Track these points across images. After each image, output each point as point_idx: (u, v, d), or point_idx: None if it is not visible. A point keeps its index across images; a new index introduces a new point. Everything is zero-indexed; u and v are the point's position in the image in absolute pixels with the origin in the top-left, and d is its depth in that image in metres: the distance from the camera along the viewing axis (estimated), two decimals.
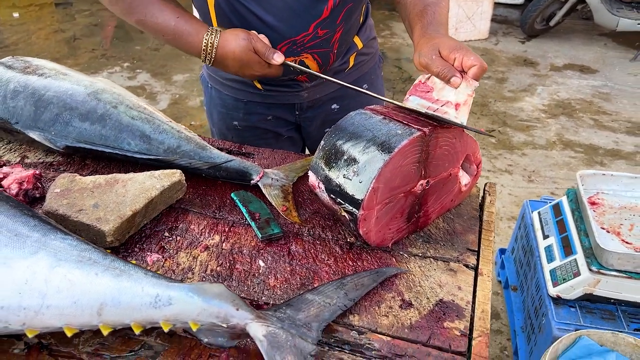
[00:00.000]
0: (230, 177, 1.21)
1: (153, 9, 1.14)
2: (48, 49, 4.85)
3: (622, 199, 1.93)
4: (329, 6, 1.19)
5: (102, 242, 0.98)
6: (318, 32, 1.23)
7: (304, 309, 0.85)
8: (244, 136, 1.50)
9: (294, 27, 1.21)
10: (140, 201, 1.04)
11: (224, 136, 1.53)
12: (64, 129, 1.20)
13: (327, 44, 1.27)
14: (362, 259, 1.01)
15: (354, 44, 1.42)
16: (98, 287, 0.79)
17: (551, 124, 3.74)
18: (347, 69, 1.42)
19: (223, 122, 1.50)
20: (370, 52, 1.49)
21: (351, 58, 1.42)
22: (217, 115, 1.51)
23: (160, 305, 0.79)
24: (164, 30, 1.16)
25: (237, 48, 1.11)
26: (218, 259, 0.99)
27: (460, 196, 1.13)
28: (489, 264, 0.99)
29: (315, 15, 1.20)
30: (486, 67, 1.03)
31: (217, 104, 1.49)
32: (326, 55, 1.30)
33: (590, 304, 1.71)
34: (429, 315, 0.89)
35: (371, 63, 1.51)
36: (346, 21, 1.27)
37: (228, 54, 1.13)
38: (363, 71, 1.48)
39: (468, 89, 1.02)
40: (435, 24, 1.15)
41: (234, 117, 1.48)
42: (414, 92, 1.12)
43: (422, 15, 1.17)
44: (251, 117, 1.46)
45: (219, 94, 1.47)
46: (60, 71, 1.30)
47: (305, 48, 1.26)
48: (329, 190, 0.99)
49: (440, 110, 1.06)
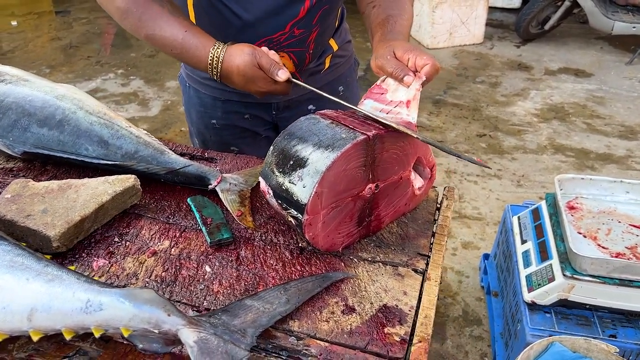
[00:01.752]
0: (189, 182, 1.20)
1: (161, 23, 1.12)
2: (44, 56, 4.89)
3: (602, 203, 1.91)
4: (305, 6, 1.22)
5: (48, 247, 0.97)
6: (294, 32, 1.26)
7: (240, 315, 0.84)
8: (222, 135, 1.51)
9: (270, 26, 1.23)
10: (90, 206, 1.04)
11: (202, 135, 1.54)
12: (22, 134, 1.20)
13: (303, 44, 1.30)
14: (311, 263, 1.00)
15: (330, 46, 1.44)
16: (29, 292, 0.78)
17: (543, 128, 3.72)
18: (322, 70, 1.45)
19: (201, 121, 1.52)
20: (345, 55, 1.52)
21: (327, 60, 1.45)
22: (195, 114, 1.52)
23: (91, 311, 0.78)
24: (172, 45, 1.14)
25: (241, 63, 1.09)
26: (164, 264, 0.99)
27: (415, 200, 1.12)
28: (438, 268, 0.98)
29: (292, 15, 1.22)
30: (439, 66, 1.06)
31: (195, 103, 1.51)
32: (302, 55, 1.32)
33: (566, 309, 1.69)
34: (370, 321, 0.88)
35: (347, 65, 1.54)
36: (322, 22, 1.30)
37: (233, 68, 1.11)
38: (339, 73, 1.51)
39: (416, 84, 1.04)
40: (394, 32, 1.17)
41: (212, 116, 1.49)
42: (369, 95, 1.12)
43: (383, 25, 1.20)
44: (229, 116, 1.47)
45: (197, 93, 1.48)
46: (22, 77, 1.30)
47: (282, 47, 1.28)
48: (277, 195, 0.99)
49: (393, 111, 1.06)
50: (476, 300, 2.35)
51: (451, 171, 3.23)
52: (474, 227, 2.78)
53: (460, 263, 2.55)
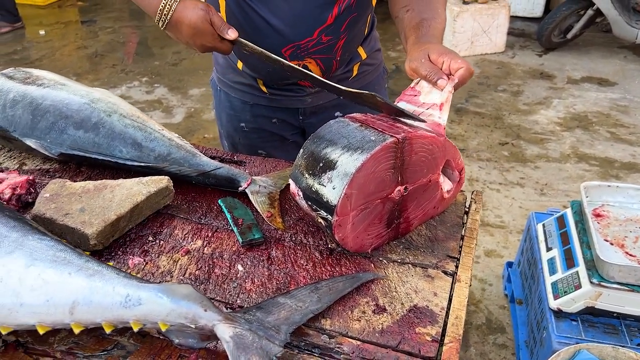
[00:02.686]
0: (220, 184, 1.23)
1: None
2: (71, 64, 4.99)
3: (628, 210, 1.89)
4: (333, 14, 1.25)
5: (86, 245, 1.00)
6: (322, 38, 1.28)
7: (274, 312, 0.85)
8: (251, 138, 1.55)
9: (299, 32, 1.26)
10: (126, 206, 1.06)
11: (231, 138, 1.58)
12: (59, 136, 1.24)
13: (330, 51, 1.32)
14: (341, 264, 1.01)
15: (358, 54, 1.45)
16: (71, 286, 0.81)
17: (566, 137, 3.69)
18: (350, 77, 1.46)
19: (231, 124, 1.56)
20: (374, 63, 1.53)
21: (355, 67, 1.46)
22: (225, 117, 1.57)
23: (130, 305, 0.80)
24: None
25: (194, 15, 1.11)
26: (198, 263, 1.01)
27: (443, 203, 1.13)
28: (468, 270, 0.99)
29: (320, 21, 1.25)
30: (473, 70, 1.07)
31: (225, 107, 1.55)
32: (329, 62, 1.34)
33: (592, 317, 1.67)
34: (402, 321, 0.89)
35: (375, 74, 1.55)
36: (350, 30, 1.32)
37: (184, 19, 1.12)
38: (366, 81, 1.52)
39: (449, 86, 1.05)
40: (429, 35, 1.18)
41: (241, 119, 1.53)
42: (402, 97, 1.14)
43: (417, 28, 1.20)
44: (257, 120, 1.50)
45: (227, 96, 1.53)
46: (58, 81, 1.34)
47: (309, 53, 1.30)
48: (307, 197, 1.01)
49: (425, 113, 1.08)
50: (499, 308, 2.33)
51: (473, 179, 3.22)
52: (497, 235, 2.77)
53: (483, 271, 2.54)
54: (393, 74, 4.64)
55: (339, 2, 1.24)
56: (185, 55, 5.11)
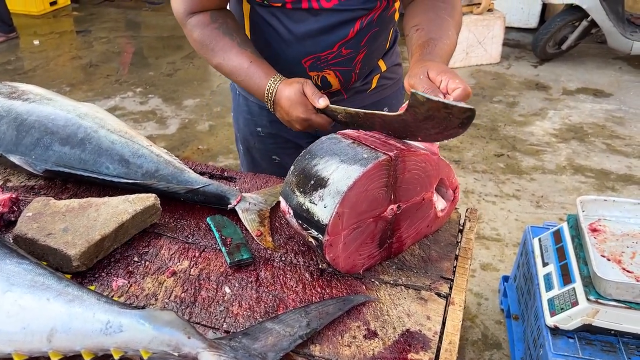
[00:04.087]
0: (208, 201, 1.20)
1: (231, 55, 1.24)
2: (64, 75, 4.97)
3: (625, 225, 1.87)
4: (355, 29, 1.26)
5: (69, 266, 0.97)
6: (342, 51, 1.29)
7: (261, 338, 0.82)
8: (266, 143, 1.55)
9: (319, 44, 1.28)
10: (111, 225, 1.03)
11: (247, 142, 1.59)
12: (44, 153, 1.21)
13: (349, 63, 1.33)
14: (332, 286, 0.98)
15: (378, 67, 1.46)
16: (49, 312, 0.78)
17: (562, 149, 3.67)
18: (369, 89, 1.46)
19: (247, 128, 1.56)
20: (393, 77, 1.52)
21: (374, 80, 1.46)
22: (242, 121, 1.57)
23: (111, 332, 0.77)
24: (238, 72, 1.25)
25: (290, 89, 1.17)
26: (184, 285, 0.98)
27: (437, 222, 1.10)
28: (462, 292, 0.96)
29: (341, 35, 1.27)
30: (470, 92, 1.03)
31: (243, 111, 1.55)
32: (348, 74, 1.35)
33: (590, 335, 1.64)
34: (393, 346, 0.86)
35: (394, 88, 1.54)
36: (370, 44, 1.33)
37: (282, 94, 1.18)
38: (385, 94, 1.51)
39: None
40: (433, 54, 1.14)
41: (258, 124, 1.53)
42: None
43: (423, 46, 1.18)
44: (274, 125, 1.49)
45: (246, 100, 1.53)
46: (45, 96, 1.31)
47: (329, 64, 1.32)
48: (297, 216, 0.98)
49: None
50: (496, 323, 2.30)
51: (469, 191, 3.20)
52: (493, 248, 2.74)
53: (479, 285, 2.51)
54: None
55: (362, 18, 1.25)
56: (180, 66, 5.09)
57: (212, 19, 1.26)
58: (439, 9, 1.25)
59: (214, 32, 1.25)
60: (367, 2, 1.23)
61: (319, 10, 1.22)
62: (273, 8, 1.24)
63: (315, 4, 1.20)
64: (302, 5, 1.21)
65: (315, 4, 1.20)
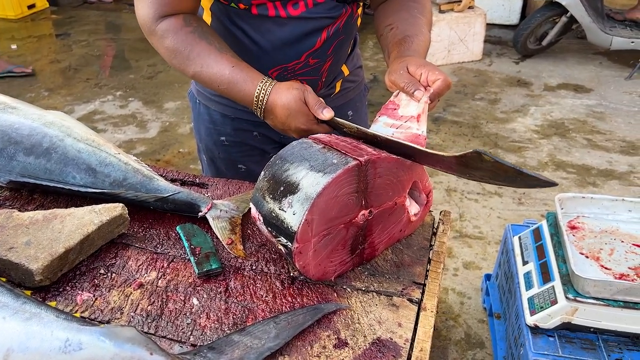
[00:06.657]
0: (179, 210, 1.18)
1: (209, 60, 1.12)
2: (43, 79, 4.89)
3: (604, 222, 1.87)
4: (322, 38, 1.24)
5: (31, 281, 0.94)
6: (309, 61, 1.27)
7: (227, 352, 0.80)
8: (231, 152, 1.50)
9: (286, 55, 1.25)
10: (75, 237, 1.01)
11: (210, 152, 1.53)
12: (7, 163, 1.18)
13: (316, 73, 1.32)
14: (303, 294, 0.96)
15: (341, 72, 1.45)
16: (5, 332, 0.75)
17: (543, 145, 3.69)
18: (333, 94, 1.45)
19: (210, 137, 1.50)
20: (356, 80, 1.52)
21: (337, 84, 1.45)
22: (204, 131, 1.51)
23: (70, 350, 0.75)
24: (219, 80, 1.13)
25: (288, 96, 1.08)
26: (151, 297, 0.95)
27: (410, 226, 1.09)
28: (434, 298, 0.94)
29: (308, 45, 1.24)
30: (450, 82, 1.07)
31: (204, 120, 1.49)
32: (314, 83, 1.33)
33: (570, 333, 1.64)
34: (364, 355, 0.84)
35: (357, 91, 1.54)
36: (336, 52, 1.32)
37: (277, 101, 1.09)
38: (348, 97, 1.51)
39: (425, 97, 1.04)
40: (410, 50, 1.17)
41: (222, 133, 1.48)
42: (383, 112, 1.11)
43: (399, 44, 1.19)
44: (238, 133, 1.46)
45: (207, 109, 1.47)
46: (9, 105, 1.28)
47: (296, 75, 1.29)
48: (267, 223, 0.96)
49: (404, 126, 1.05)
50: (479, 322, 2.30)
51: (451, 189, 3.20)
52: (475, 246, 2.74)
53: (461, 284, 2.51)
54: (369, 83, 4.62)
55: (328, 27, 1.23)
56: (161, 68, 5.04)
57: (186, 22, 1.14)
58: (411, 8, 1.28)
59: (189, 36, 1.13)
60: (334, 10, 1.21)
61: (286, 19, 1.18)
62: (236, 18, 1.21)
63: (283, 11, 1.17)
64: (268, 13, 1.17)
65: (283, 12, 1.17)
